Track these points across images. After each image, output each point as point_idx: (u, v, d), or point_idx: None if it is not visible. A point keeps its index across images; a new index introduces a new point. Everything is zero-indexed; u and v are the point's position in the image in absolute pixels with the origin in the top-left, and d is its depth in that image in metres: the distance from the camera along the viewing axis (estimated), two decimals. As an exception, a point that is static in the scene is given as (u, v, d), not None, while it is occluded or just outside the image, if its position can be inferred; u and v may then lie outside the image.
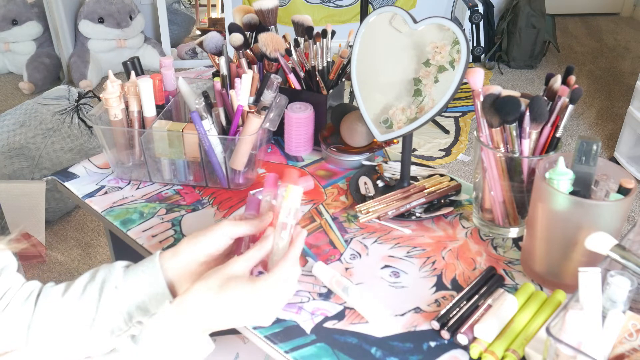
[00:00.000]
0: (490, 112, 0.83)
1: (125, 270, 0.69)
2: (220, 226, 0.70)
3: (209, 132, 0.99)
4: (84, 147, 2.17)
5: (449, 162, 2.57)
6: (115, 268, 0.69)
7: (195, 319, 0.63)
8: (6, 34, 3.30)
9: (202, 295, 0.64)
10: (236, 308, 0.64)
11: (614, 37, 4.02)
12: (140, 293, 0.68)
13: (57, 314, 0.66)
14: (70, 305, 0.66)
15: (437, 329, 0.77)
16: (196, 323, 0.63)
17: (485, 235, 0.95)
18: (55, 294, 0.67)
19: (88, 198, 1.04)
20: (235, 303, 0.64)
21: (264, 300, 0.65)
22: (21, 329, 0.66)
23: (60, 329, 0.66)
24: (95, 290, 0.67)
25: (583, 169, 0.77)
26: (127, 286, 0.67)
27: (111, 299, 0.67)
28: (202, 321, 0.63)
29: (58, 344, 0.66)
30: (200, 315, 0.63)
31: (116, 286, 0.67)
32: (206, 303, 0.63)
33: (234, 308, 0.64)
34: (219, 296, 0.63)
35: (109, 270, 0.69)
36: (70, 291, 0.67)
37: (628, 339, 0.64)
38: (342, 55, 1.12)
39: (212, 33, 1.11)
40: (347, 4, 3.68)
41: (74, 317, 0.66)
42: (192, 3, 3.85)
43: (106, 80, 1.02)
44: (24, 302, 0.67)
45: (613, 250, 0.67)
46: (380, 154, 1.18)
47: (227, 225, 0.71)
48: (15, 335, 0.65)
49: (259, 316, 0.66)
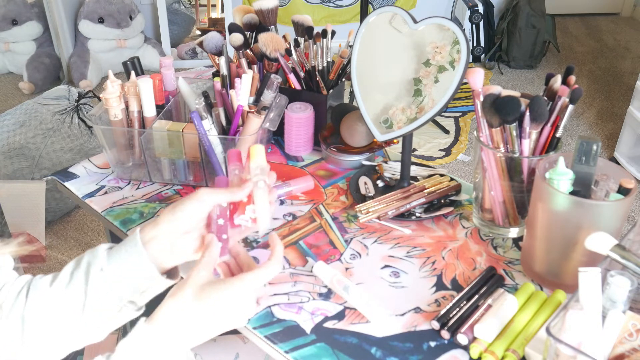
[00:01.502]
0: (490, 112, 0.83)
1: (108, 252, 0.68)
2: (198, 194, 0.68)
3: (209, 132, 0.99)
4: (84, 147, 2.17)
5: (449, 162, 2.57)
6: (98, 251, 0.68)
7: (172, 335, 0.62)
8: (6, 34, 3.30)
9: (178, 308, 0.62)
10: (214, 313, 0.63)
11: (614, 37, 4.02)
12: (126, 272, 0.67)
13: (48, 304, 0.66)
14: (59, 294, 0.66)
15: (437, 329, 0.77)
16: (173, 339, 0.62)
17: (485, 235, 0.95)
18: (44, 284, 0.67)
19: (88, 198, 1.04)
20: (213, 308, 0.63)
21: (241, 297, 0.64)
22: (16, 323, 0.66)
23: (53, 318, 0.66)
24: (82, 276, 0.67)
25: (583, 169, 0.77)
26: (112, 268, 0.67)
27: (98, 281, 0.66)
28: (179, 336, 0.62)
29: (53, 333, 0.67)
30: (178, 329, 0.62)
31: (101, 268, 0.66)
32: (183, 316, 0.62)
33: (213, 314, 0.63)
34: (197, 305, 0.62)
35: (93, 254, 0.68)
36: (58, 280, 0.67)
37: (628, 339, 0.64)
38: (342, 55, 1.12)
39: (212, 33, 1.11)
40: (347, 4, 3.68)
41: (64, 305, 0.66)
42: (192, 3, 3.85)
43: (106, 80, 1.02)
44: (17, 296, 0.67)
45: (613, 250, 0.67)
46: (380, 154, 1.18)
47: (204, 192, 0.68)
48: (12, 330, 0.66)
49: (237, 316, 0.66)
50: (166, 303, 0.63)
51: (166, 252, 0.68)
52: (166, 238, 0.68)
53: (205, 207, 0.68)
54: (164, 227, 0.68)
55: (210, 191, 0.68)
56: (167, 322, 0.62)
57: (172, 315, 0.62)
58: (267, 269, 0.65)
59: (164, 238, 0.68)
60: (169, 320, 0.62)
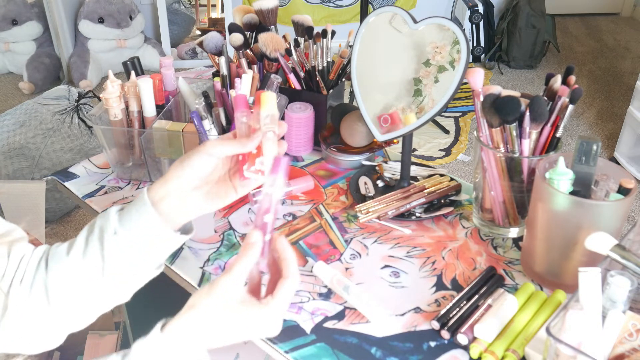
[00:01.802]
0: (490, 112, 0.83)
1: (120, 215, 0.67)
2: (205, 146, 0.65)
3: (209, 132, 0.99)
4: (84, 147, 2.17)
5: (449, 162, 2.57)
6: (110, 214, 0.67)
7: (189, 346, 0.60)
8: (6, 34, 3.30)
9: (194, 325, 0.59)
10: (237, 331, 0.61)
11: (614, 37, 4.02)
12: (139, 234, 0.66)
13: (68, 273, 0.66)
14: (78, 262, 0.66)
15: (437, 329, 0.77)
16: (189, 350, 0.60)
17: (485, 235, 0.95)
18: (61, 253, 0.68)
19: (88, 198, 1.04)
20: (235, 328, 0.60)
21: (269, 323, 0.61)
22: (40, 293, 0.66)
23: (75, 285, 0.67)
24: (96, 241, 0.66)
25: (583, 169, 0.77)
26: (125, 229, 0.66)
27: (113, 245, 0.66)
28: (195, 347, 0.60)
29: (78, 300, 0.67)
30: (195, 342, 0.60)
31: (115, 232, 0.66)
32: (199, 332, 0.60)
33: (235, 331, 0.61)
34: (214, 325, 0.59)
35: (105, 217, 0.67)
36: (75, 249, 0.67)
37: (628, 339, 0.64)
38: (342, 55, 1.12)
39: (212, 33, 1.11)
40: (347, 4, 3.68)
41: (84, 272, 0.66)
42: (192, 3, 3.85)
43: (106, 80, 1.02)
44: (37, 267, 0.68)
45: (613, 250, 0.67)
46: (380, 154, 1.18)
47: (211, 144, 0.65)
48: (37, 300, 0.66)
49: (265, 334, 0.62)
50: (186, 315, 0.59)
51: (178, 209, 0.67)
52: (176, 195, 0.66)
53: (214, 160, 0.66)
54: (173, 184, 0.66)
55: (218, 143, 0.65)
56: (184, 336, 0.59)
57: (189, 329, 0.59)
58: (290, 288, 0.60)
59: (174, 195, 0.66)
60: (185, 335, 0.59)
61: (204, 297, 0.59)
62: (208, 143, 0.65)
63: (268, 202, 0.61)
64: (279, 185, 0.61)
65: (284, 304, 0.60)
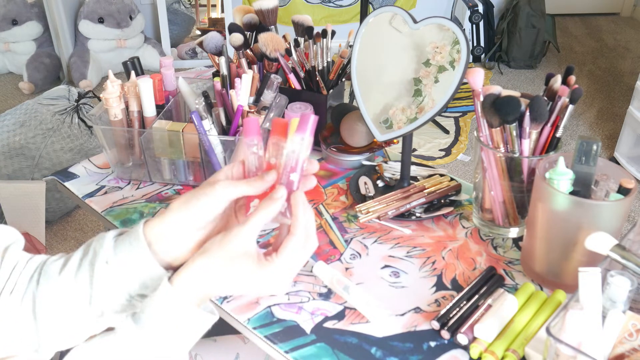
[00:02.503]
0: (490, 112, 0.83)
1: (115, 243, 0.63)
2: (215, 190, 0.60)
3: (209, 132, 0.99)
4: (84, 147, 2.17)
5: (449, 162, 2.57)
6: (105, 240, 0.64)
7: (197, 295, 0.59)
8: (6, 34, 3.30)
9: (204, 272, 0.58)
10: (242, 285, 0.59)
11: (614, 37, 4.02)
12: (132, 268, 0.62)
13: (57, 293, 0.64)
14: (68, 284, 0.63)
15: (437, 329, 0.77)
16: (198, 298, 0.59)
17: (485, 235, 0.95)
18: (54, 272, 0.65)
19: (88, 198, 1.04)
20: (241, 281, 0.59)
21: (273, 281, 0.59)
22: (28, 308, 0.64)
23: (63, 307, 0.64)
24: (87, 266, 0.63)
25: (583, 169, 0.77)
26: (117, 261, 0.62)
27: (104, 275, 0.62)
28: (204, 295, 0.59)
29: (64, 323, 0.64)
30: (203, 291, 0.59)
31: (107, 261, 0.62)
32: (209, 280, 0.58)
33: (240, 284, 0.59)
34: (223, 274, 0.58)
35: (100, 242, 0.64)
36: (67, 268, 0.64)
37: (628, 339, 0.64)
38: (342, 55, 1.12)
39: (212, 33, 1.11)
40: (347, 4, 3.68)
41: (72, 295, 0.63)
42: (192, 3, 3.85)
43: (106, 80, 1.02)
44: (29, 282, 0.65)
45: (613, 250, 0.67)
46: (380, 154, 1.18)
47: (223, 187, 0.60)
48: (25, 314, 0.64)
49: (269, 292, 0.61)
50: (196, 261, 0.58)
51: (175, 250, 0.62)
52: (174, 235, 0.62)
53: (221, 203, 0.61)
54: (173, 224, 0.62)
55: (229, 186, 0.60)
56: (193, 281, 0.58)
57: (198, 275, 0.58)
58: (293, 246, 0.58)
59: (172, 235, 0.62)
60: (194, 280, 0.58)
61: (216, 245, 0.58)
62: (219, 185, 0.60)
63: (295, 160, 0.58)
64: (307, 144, 0.58)
65: (288, 262, 0.58)
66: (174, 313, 0.58)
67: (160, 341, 0.58)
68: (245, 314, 0.80)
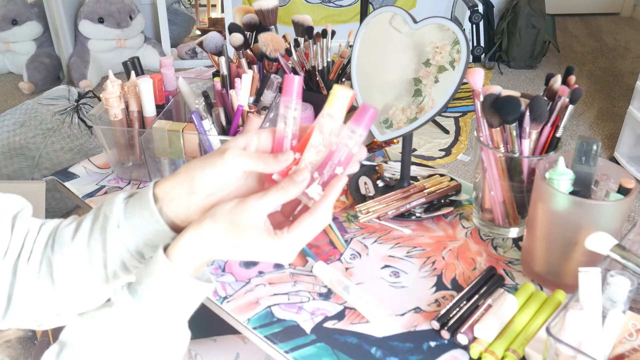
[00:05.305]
0: (490, 112, 0.83)
1: (125, 206, 0.62)
2: (224, 156, 0.57)
3: (209, 132, 0.99)
4: (84, 147, 2.17)
5: (449, 162, 2.57)
6: (115, 204, 0.62)
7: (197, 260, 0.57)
8: (6, 34, 3.30)
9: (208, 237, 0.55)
10: (245, 253, 0.58)
11: (614, 37, 4.02)
12: (143, 232, 0.61)
13: (72, 259, 0.63)
14: (81, 249, 0.63)
15: (437, 328, 0.77)
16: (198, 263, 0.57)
17: (485, 235, 0.95)
18: (67, 238, 0.64)
19: (88, 198, 1.04)
20: (245, 250, 0.57)
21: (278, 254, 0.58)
22: (46, 277, 0.64)
23: (79, 273, 0.63)
24: (99, 231, 0.62)
25: (583, 169, 0.77)
26: (128, 225, 0.61)
27: (116, 238, 0.62)
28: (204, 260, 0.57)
29: (82, 287, 0.64)
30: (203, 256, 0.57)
31: (118, 225, 0.61)
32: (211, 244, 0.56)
33: (244, 253, 0.58)
34: (227, 241, 0.56)
35: (110, 206, 0.63)
36: (79, 235, 0.64)
37: (628, 339, 0.64)
38: (342, 55, 1.12)
39: (212, 33, 1.11)
40: (347, 4, 3.68)
41: (87, 260, 0.63)
42: (192, 3, 3.85)
43: (106, 80, 1.02)
44: (44, 247, 0.65)
45: (613, 250, 0.67)
46: (380, 154, 1.18)
47: (232, 154, 0.57)
48: (44, 282, 0.64)
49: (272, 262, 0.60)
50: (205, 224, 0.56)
51: (182, 212, 0.60)
52: (183, 200, 0.59)
53: (229, 175, 0.58)
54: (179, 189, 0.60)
55: (240, 156, 0.57)
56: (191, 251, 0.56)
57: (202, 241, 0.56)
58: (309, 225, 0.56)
59: (180, 200, 0.59)
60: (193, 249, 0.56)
61: (225, 213, 0.56)
62: (230, 154, 0.57)
63: (346, 155, 0.54)
64: (362, 140, 0.54)
65: (299, 239, 0.57)
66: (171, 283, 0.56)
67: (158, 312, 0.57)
68: (245, 314, 0.80)
